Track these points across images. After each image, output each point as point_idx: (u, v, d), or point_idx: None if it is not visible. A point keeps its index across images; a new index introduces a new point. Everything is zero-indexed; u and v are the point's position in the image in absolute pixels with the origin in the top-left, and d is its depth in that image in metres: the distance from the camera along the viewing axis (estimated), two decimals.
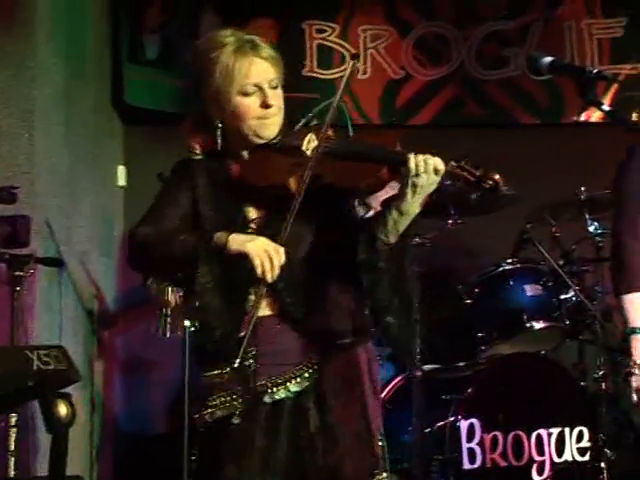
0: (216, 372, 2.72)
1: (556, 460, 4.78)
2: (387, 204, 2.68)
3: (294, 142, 2.76)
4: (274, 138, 2.78)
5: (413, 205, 2.64)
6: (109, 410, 5.77)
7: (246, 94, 2.73)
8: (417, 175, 2.59)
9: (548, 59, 2.60)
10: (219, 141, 2.78)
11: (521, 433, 4.76)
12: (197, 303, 2.63)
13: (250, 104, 2.73)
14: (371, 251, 2.66)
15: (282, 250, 2.57)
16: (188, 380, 4.28)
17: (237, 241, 2.59)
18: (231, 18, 6.20)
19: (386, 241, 2.66)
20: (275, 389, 2.71)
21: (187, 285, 2.69)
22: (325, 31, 6.40)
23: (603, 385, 5.16)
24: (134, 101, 6.09)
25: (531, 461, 4.76)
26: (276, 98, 2.77)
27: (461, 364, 5.22)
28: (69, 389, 4.00)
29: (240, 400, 2.69)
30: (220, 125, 2.77)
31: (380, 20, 6.48)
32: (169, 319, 5.06)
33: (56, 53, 4.92)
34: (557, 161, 6.30)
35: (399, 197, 2.63)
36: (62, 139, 4.99)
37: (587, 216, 5.30)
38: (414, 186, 2.60)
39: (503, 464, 4.73)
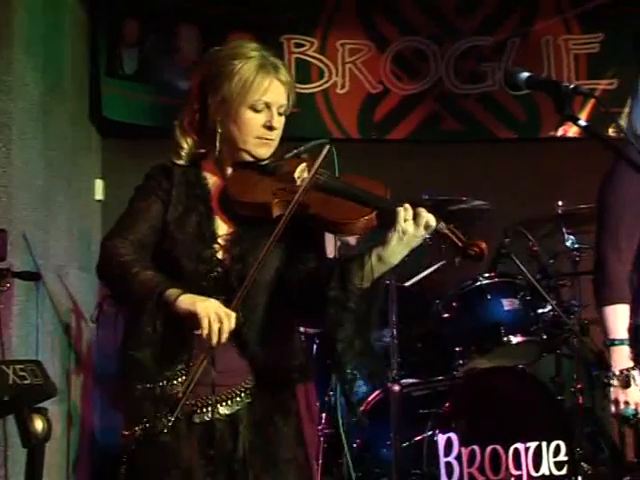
0: (148, 386, 2.66)
1: (533, 474, 4.78)
2: (368, 249, 2.64)
3: (286, 168, 2.77)
4: (263, 160, 2.78)
5: (395, 255, 2.61)
6: (86, 425, 5.74)
7: (256, 110, 2.74)
8: (406, 222, 2.57)
9: (525, 74, 2.61)
10: (217, 145, 2.77)
11: (498, 447, 4.75)
12: (134, 354, 2.58)
13: (256, 120, 2.74)
14: (343, 290, 2.61)
15: (233, 316, 2.52)
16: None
17: (187, 300, 2.52)
18: (209, 32, 6.22)
19: (359, 284, 2.62)
20: (205, 409, 2.68)
21: (132, 324, 2.63)
22: (303, 45, 6.42)
23: (580, 399, 5.18)
24: (112, 115, 6.10)
25: (508, 475, 4.76)
26: (280, 124, 2.78)
27: (439, 378, 5.22)
28: (45, 404, 3.98)
29: (169, 418, 2.60)
30: (220, 131, 2.76)
31: (358, 35, 6.51)
32: None
33: (33, 67, 4.91)
34: (534, 176, 6.33)
35: (383, 244, 2.60)
36: (39, 153, 4.97)
37: (564, 230, 5.33)
38: (401, 233, 2.58)
39: (481, 478, 4.72)
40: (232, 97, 2.72)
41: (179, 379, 2.66)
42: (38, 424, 3.72)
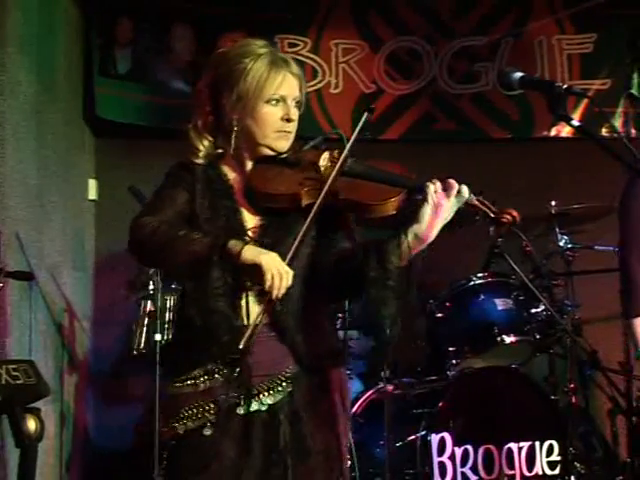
0: (189, 382, 2.73)
1: (526, 474, 4.79)
2: (404, 227, 2.69)
3: (308, 158, 2.82)
4: (283, 153, 2.83)
5: (430, 230, 2.65)
6: (79, 425, 5.74)
7: (272, 104, 2.80)
8: (437, 193, 2.65)
9: (518, 74, 2.62)
10: (233, 143, 2.81)
11: (492, 447, 4.76)
12: (208, 305, 2.63)
13: (274, 114, 2.80)
14: (382, 270, 2.66)
15: (291, 273, 2.59)
16: (159, 395, 4.27)
17: (252, 252, 2.59)
18: (203, 32, 6.21)
19: (397, 263, 2.66)
20: (248, 400, 2.71)
21: (191, 285, 2.68)
22: (297, 45, 6.41)
23: (573, 399, 5.18)
24: (105, 114, 6.09)
25: (502, 475, 4.76)
26: (296, 116, 2.85)
27: (432, 378, 5.22)
28: (38, 404, 3.98)
29: (212, 412, 2.69)
30: (236, 129, 2.80)
31: (352, 34, 6.51)
32: (138, 333, 5.06)
33: (27, 67, 4.90)
34: (528, 175, 6.33)
35: (417, 221, 2.65)
36: (33, 153, 4.96)
37: (557, 230, 5.34)
38: (434, 206, 2.64)
39: (474, 478, 4.73)
40: (248, 94, 2.78)
41: (221, 372, 2.72)
42: (31, 424, 3.73)
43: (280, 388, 2.74)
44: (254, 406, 2.72)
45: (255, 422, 2.71)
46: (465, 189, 2.67)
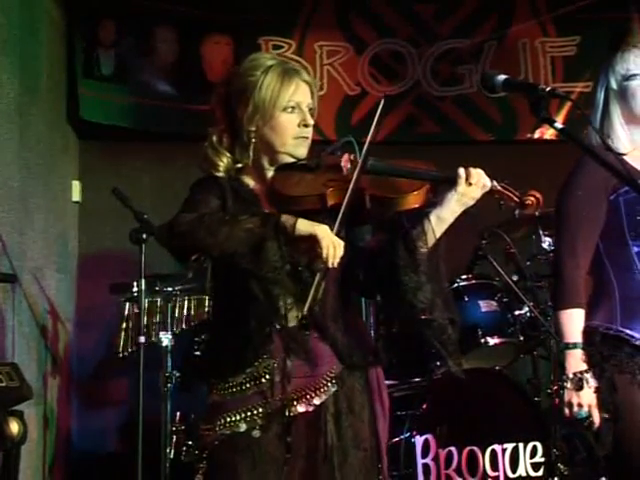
0: (234, 390, 2.77)
1: (510, 475, 4.79)
2: (425, 213, 2.80)
3: (329, 161, 2.85)
4: (302, 159, 2.87)
5: (452, 214, 2.80)
6: (62, 427, 5.72)
7: (289, 112, 2.85)
8: (469, 185, 2.79)
9: (502, 77, 2.63)
10: (251, 154, 2.86)
11: (475, 449, 4.76)
12: (269, 275, 2.67)
13: (291, 121, 2.84)
14: (411, 256, 2.77)
15: (342, 243, 2.63)
16: (142, 398, 4.27)
17: (305, 224, 2.63)
18: (186, 34, 6.21)
19: (424, 248, 2.78)
20: (296, 402, 2.76)
21: (247, 264, 2.66)
22: (281, 47, 6.42)
23: (557, 400, 5.19)
24: (89, 116, 6.08)
25: (485, 476, 4.76)
26: (312, 121, 2.89)
27: (416, 380, 5.22)
28: (21, 406, 3.97)
29: (260, 414, 2.74)
30: (254, 140, 2.85)
31: (336, 36, 6.52)
32: (123, 336, 5.05)
33: (9, 69, 4.89)
34: (511, 178, 6.32)
35: (441, 204, 2.79)
36: (15, 154, 4.95)
37: (541, 232, 5.34)
38: (462, 195, 2.78)
39: None
40: (265, 104, 2.82)
41: (266, 376, 2.76)
42: (14, 427, 3.73)
43: (326, 388, 2.79)
44: (302, 407, 2.77)
45: (300, 422, 2.76)
46: (488, 181, 2.82)
